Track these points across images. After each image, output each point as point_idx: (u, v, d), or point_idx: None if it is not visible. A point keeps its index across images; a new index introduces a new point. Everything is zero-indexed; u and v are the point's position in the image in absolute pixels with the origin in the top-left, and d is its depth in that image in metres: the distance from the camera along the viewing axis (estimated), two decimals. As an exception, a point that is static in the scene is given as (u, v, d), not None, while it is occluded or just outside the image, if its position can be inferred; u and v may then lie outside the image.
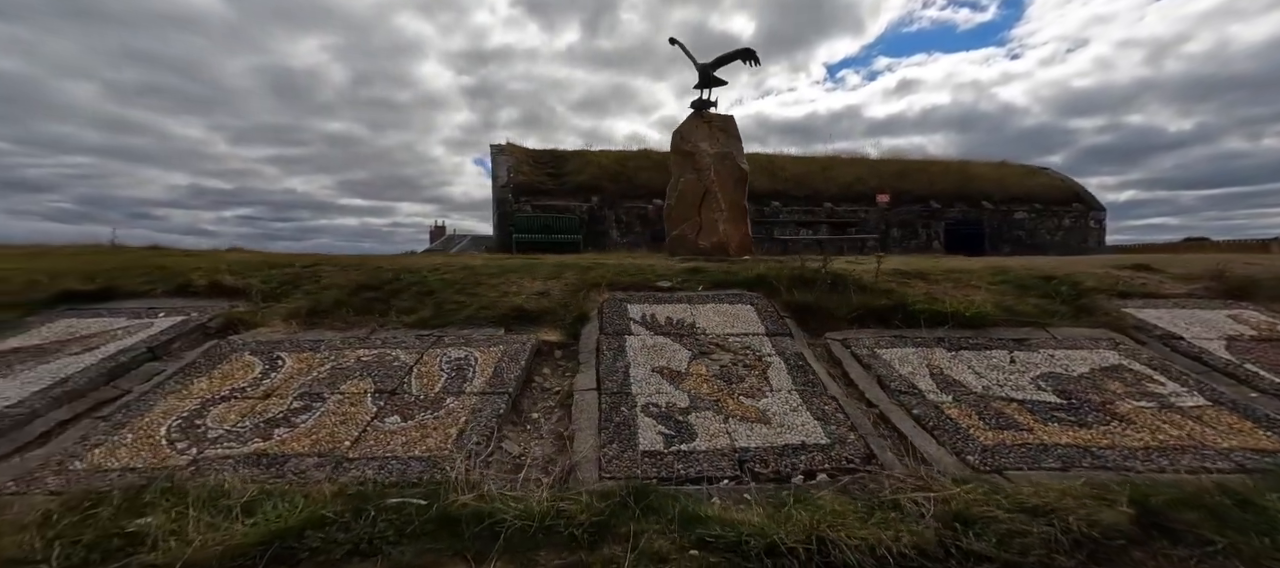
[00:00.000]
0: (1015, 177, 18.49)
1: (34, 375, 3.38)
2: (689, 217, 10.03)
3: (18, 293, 4.80)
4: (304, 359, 3.62)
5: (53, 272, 5.25)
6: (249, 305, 4.65)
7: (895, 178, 17.45)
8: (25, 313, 4.44)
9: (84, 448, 2.64)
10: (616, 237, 14.94)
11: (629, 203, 15.39)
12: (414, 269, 5.41)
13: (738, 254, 9.01)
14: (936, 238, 16.77)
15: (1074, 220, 17.52)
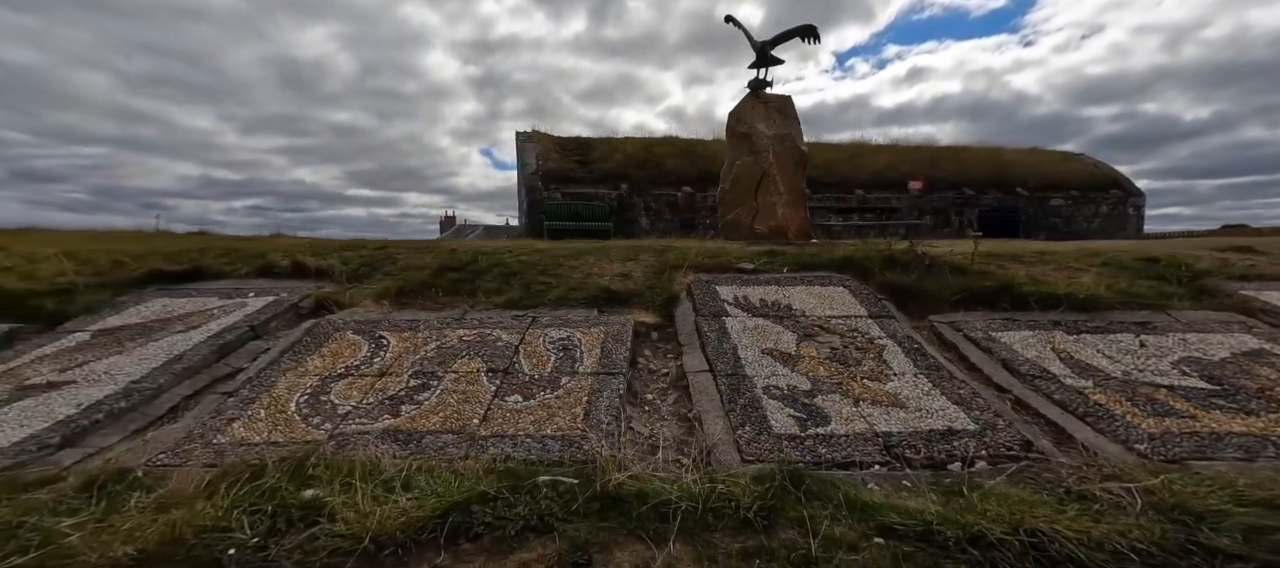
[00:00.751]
0: (1050, 163, 17.84)
1: (147, 353, 3.47)
2: (744, 201, 9.85)
3: (106, 273, 4.96)
4: (406, 338, 3.64)
5: (134, 253, 5.40)
6: (335, 286, 4.71)
7: (927, 164, 16.96)
8: (117, 292, 4.58)
9: (221, 422, 2.68)
10: (645, 224, 14.85)
11: (657, 190, 15.27)
12: (488, 252, 5.41)
13: (797, 239, 8.82)
14: (970, 225, 16.32)
15: (1112, 207, 16.98)
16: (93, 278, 4.78)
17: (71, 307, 4.24)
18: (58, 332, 3.86)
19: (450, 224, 34.18)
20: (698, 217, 14.84)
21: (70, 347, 3.56)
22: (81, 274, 4.66)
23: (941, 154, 18.00)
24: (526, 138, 16.68)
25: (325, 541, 1.79)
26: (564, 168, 15.31)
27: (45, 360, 3.36)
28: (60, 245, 5.71)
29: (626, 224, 14.71)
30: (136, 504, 2.00)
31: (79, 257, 5.25)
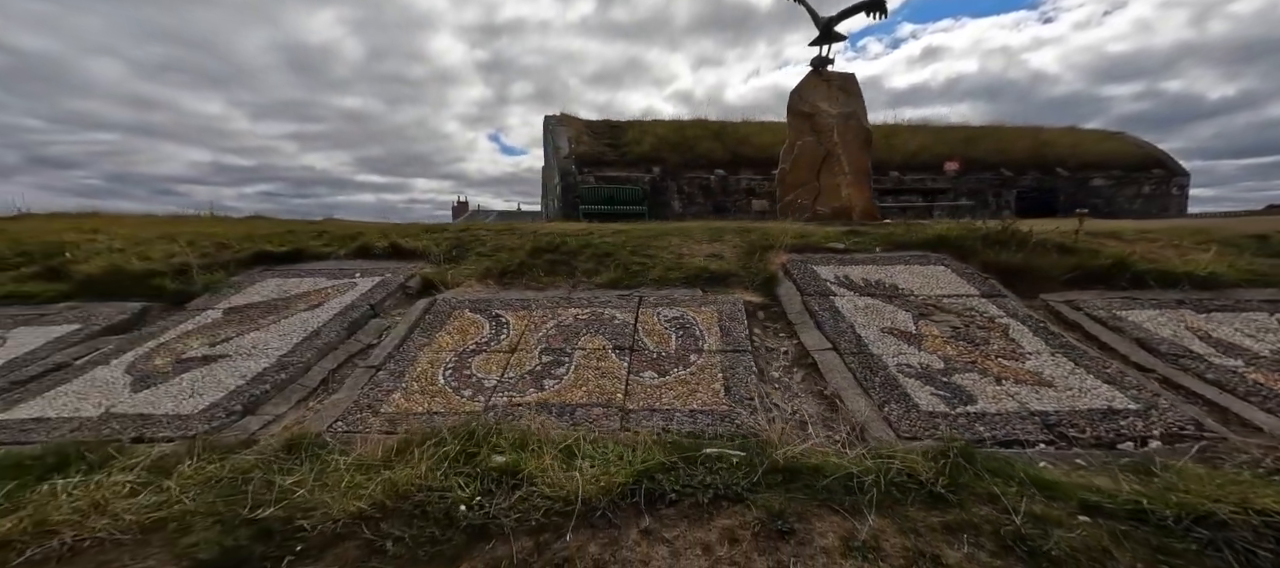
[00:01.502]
0: (1090, 142, 17.12)
1: (284, 329, 3.64)
2: (806, 181, 9.70)
3: (212, 254, 5.19)
4: (522, 317, 3.73)
5: (229, 236, 5.64)
6: (433, 266, 4.85)
7: (962, 145, 16.41)
8: (229, 272, 4.79)
9: (381, 393, 2.81)
10: (678, 208, 14.73)
11: (690, 174, 15.06)
12: (575, 234, 5.47)
13: (862, 219, 8.64)
14: (1007, 206, 15.77)
15: (1155, 186, 16.31)
16: (201, 259, 5.01)
17: (192, 286, 4.48)
18: (188, 309, 4.08)
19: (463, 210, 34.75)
20: (730, 200, 14.68)
21: (208, 323, 3.76)
22: (192, 256, 4.89)
23: (977, 134, 17.39)
24: (557, 122, 16.69)
25: (539, 502, 1.87)
26: (595, 151, 15.27)
27: (191, 336, 3.56)
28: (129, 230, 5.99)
29: (659, 208, 14.66)
30: (343, 466, 2.12)
31: (180, 239, 5.51)
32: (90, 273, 4.54)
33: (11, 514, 1.87)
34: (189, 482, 2.07)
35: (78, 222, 6.88)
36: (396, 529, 1.80)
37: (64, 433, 2.46)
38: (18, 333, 3.73)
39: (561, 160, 14.94)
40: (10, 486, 2.05)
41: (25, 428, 2.54)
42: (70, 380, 3.01)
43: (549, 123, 16.94)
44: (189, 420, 2.58)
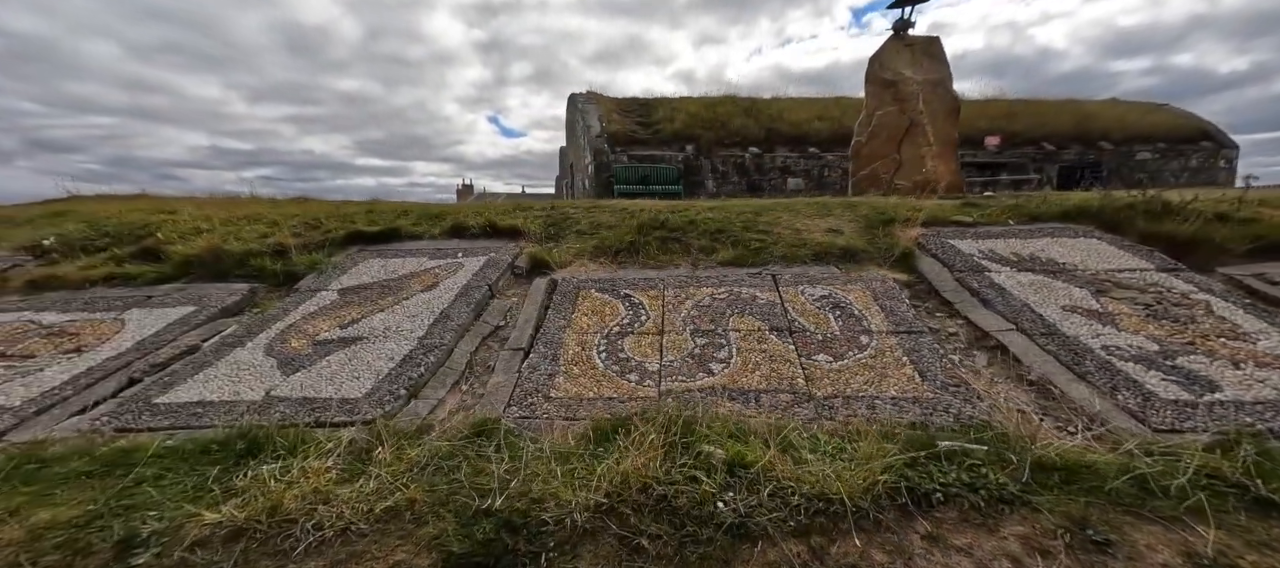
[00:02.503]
0: (1135, 114, 16.68)
1: (409, 311, 3.54)
2: (884, 154, 9.32)
3: (304, 235, 5.13)
4: (654, 297, 3.56)
5: (315, 215, 5.58)
6: (535, 245, 4.71)
7: (1003, 119, 15.88)
8: (327, 253, 4.72)
9: (539, 377, 2.68)
10: (712, 187, 14.48)
11: (724, 152, 14.69)
12: (678, 211, 5.26)
13: (948, 193, 8.24)
14: (1049, 182, 15.18)
15: (1202, 159, 15.94)
16: (295, 240, 4.95)
17: (292, 267, 4.41)
18: (300, 290, 4.02)
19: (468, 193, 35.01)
20: (765, 178, 14.46)
21: (328, 305, 3.68)
22: (289, 237, 4.84)
23: (1018, 108, 16.79)
24: (586, 100, 16.43)
25: (794, 500, 1.70)
26: (627, 130, 15.03)
27: (317, 318, 3.49)
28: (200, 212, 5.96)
29: (692, 187, 14.45)
30: (546, 453, 1.99)
31: (264, 219, 5.47)
32: (188, 254, 4.53)
33: (233, 500, 1.78)
34: (394, 469, 1.96)
35: (130, 204, 6.90)
36: (648, 525, 1.65)
37: (236, 416, 2.38)
38: (133, 315, 3.72)
39: (593, 140, 14.72)
40: (213, 469, 1.98)
41: (193, 412, 2.48)
42: (213, 363, 2.95)
43: (577, 101, 16.69)
44: (357, 404, 2.49)
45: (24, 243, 5.30)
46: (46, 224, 5.94)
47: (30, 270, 4.60)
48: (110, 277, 4.37)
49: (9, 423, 2.52)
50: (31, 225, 5.99)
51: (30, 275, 4.55)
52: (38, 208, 7.25)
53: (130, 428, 2.39)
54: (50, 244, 5.01)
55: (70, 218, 6.09)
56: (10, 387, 2.83)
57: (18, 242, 5.36)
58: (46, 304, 3.97)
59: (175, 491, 1.93)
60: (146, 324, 3.55)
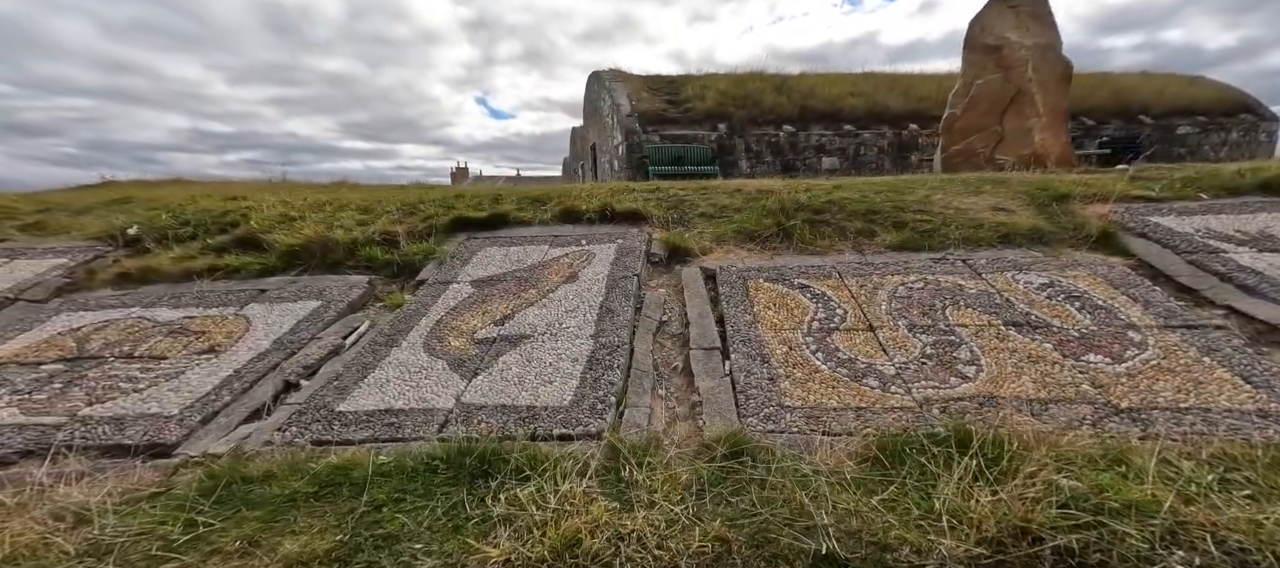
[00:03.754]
0: (1175, 87, 16.52)
1: (563, 305, 3.36)
2: (984, 126, 8.87)
3: (401, 220, 4.93)
4: (836, 287, 3.30)
5: (415, 201, 5.40)
6: (664, 231, 4.46)
7: None
8: (438, 241, 4.54)
9: (763, 383, 2.45)
10: (746, 167, 14.23)
11: (757, 131, 14.43)
12: (819, 190, 4.96)
13: (1059, 168, 7.77)
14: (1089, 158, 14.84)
15: (1243, 133, 15.78)
16: (401, 228, 4.76)
17: (407, 257, 4.24)
18: (429, 283, 3.84)
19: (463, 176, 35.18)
20: (799, 158, 14.25)
21: (468, 299, 3.50)
22: (398, 225, 4.67)
23: None
24: (612, 77, 16.11)
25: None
26: (656, 108, 14.76)
27: (463, 314, 3.30)
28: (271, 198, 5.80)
29: (725, 167, 14.24)
30: (826, 479, 1.75)
31: (351, 206, 5.31)
32: (293, 244, 4.38)
33: (503, 529, 1.58)
34: (667, 494, 1.73)
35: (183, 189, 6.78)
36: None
37: (436, 426, 2.19)
38: (253, 311, 3.57)
39: (624, 119, 14.47)
40: (454, 491, 1.79)
41: (388, 421, 2.30)
42: (376, 365, 2.77)
43: (601, 78, 16.38)
44: (569, 414, 2.27)
45: (99, 232, 5.23)
46: (109, 212, 5.88)
47: (122, 262, 4.50)
48: (212, 268, 4.24)
49: (177, 433, 2.37)
50: (94, 214, 5.93)
51: (121, 267, 4.45)
52: (91, 195, 7.19)
53: (327, 441, 2.21)
54: (135, 233, 4.92)
55: (134, 204, 6.02)
56: (157, 392, 2.68)
57: (92, 231, 5.30)
58: (151, 299, 3.85)
59: (426, 517, 1.73)
60: (274, 321, 3.40)
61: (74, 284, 4.37)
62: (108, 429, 2.39)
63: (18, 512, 1.88)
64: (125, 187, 7.91)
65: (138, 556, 1.67)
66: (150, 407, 2.55)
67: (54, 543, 1.68)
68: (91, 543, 1.69)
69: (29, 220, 5.81)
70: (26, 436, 2.37)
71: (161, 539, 1.71)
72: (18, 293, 4.13)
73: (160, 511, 1.84)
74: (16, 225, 5.69)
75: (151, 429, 2.39)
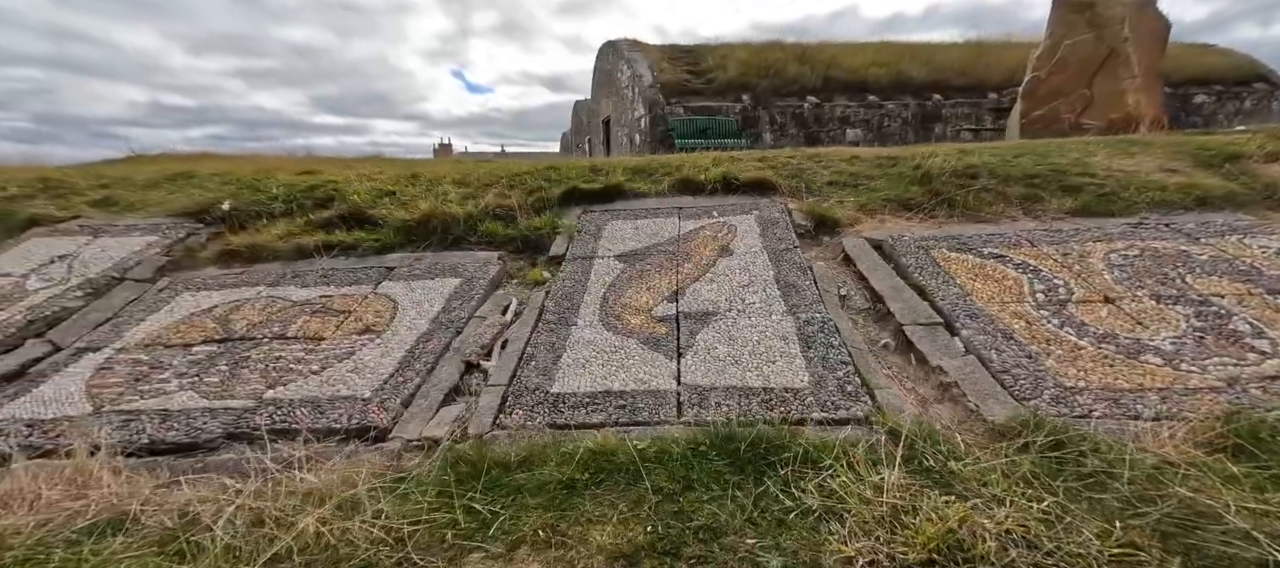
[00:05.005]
0: (1189, 56, 16.10)
1: (732, 279, 3.22)
2: (1071, 90, 8.64)
3: (513, 197, 4.78)
4: (1033, 255, 3.16)
5: (515, 172, 5.27)
6: (800, 200, 4.30)
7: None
8: (555, 214, 4.42)
9: (1020, 360, 2.30)
10: (769, 139, 14.00)
11: (781, 102, 14.29)
12: (938, 154, 4.75)
13: (1153, 131, 7.46)
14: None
15: (1256, 102, 15.55)
16: (519, 198, 4.62)
17: (527, 231, 4.13)
18: (571, 259, 3.72)
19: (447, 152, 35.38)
20: (824, 130, 14.15)
21: (622, 274, 3.40)
22: (515, 197, 4.54)
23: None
24: (632, 48, 15.79)
25: None
26: (678, 79, 14.52)
27: (625, 289, 3.20)
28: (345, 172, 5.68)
29: (750, 140, 14.09)
30: (1196, 473, 1.60)
31: (447, 179, 5.19)
32: (408, 220, 4.28)
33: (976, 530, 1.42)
34: (1006, 488, 1.60)
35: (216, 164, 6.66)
36: None
37: (672, 408, 2.08)
38: (392, 288, 3.49)
39: (646, 90, 14.24)
40: (742, 483, 1.67)
41: (619, 404, 2.22)
42: (565, 346, 2.66)
43: (618, 49, 16.06)
44: (815, 396, 2.18)
45: (182, 209, 5.16)
46: (175, 187, 5.81)
47: (227, 239, 4.43)
48: (326, 245, 4.15)
49: (386, 417, 2.27)
50: (161, 189, 5.87)
51: (227, 244, 4.38)
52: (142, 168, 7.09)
53: (562, 424, 2.10)
54: (229, 209, 4.86)
55: (196, 179, 5.94)
56: (336, 374, 2.60)
57: (175, 207, 5.23)
58: (272, 277, 3.78)
59: (730, 507, 1.62)
60: (420, 300, 3.30)
61: (175, 262, 4.32)
62: (305, 412, 2.31)
63: (258, 496, 1.80)
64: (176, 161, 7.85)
65: (432, 541, 1.58)
66: (338, 389, 2.46)
67: (347, 530, 1.59)
68: (386, 529, 1.60)
69: (95, 197, 5.76)
70: (221, 419, 2.30)
71: (449, 527, 1.62)
72: (123, 272, 4.09)
73: (427, 497, 1.75)
74: (85, 202, 5.65)
75: (354, 412, 2.30)
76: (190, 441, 2.20)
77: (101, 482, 1.94)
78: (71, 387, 2.60)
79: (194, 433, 2.23)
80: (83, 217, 5.32)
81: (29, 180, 6.05)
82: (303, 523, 1.62)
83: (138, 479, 1.96)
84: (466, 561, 1.53)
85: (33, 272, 4.08)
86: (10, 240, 4.66)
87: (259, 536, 1.62)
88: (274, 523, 1.65)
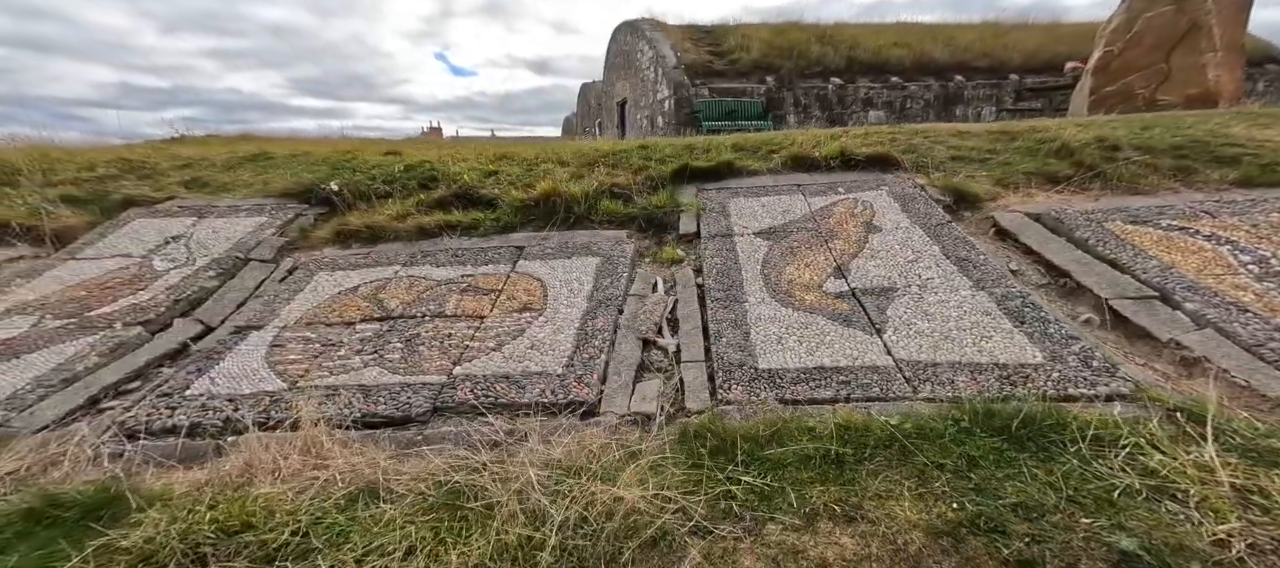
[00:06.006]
0: None
1: (892, 255, 3.10)
2: (1147, 64, 8.37)
3: (616, 175, 4.71)
4: (1219, 227, 2.98)
5: (616, 154, 5.19)
6: (928, 176, 4.15)
7: (1081, 41, 14.73)
8: (669, 193, 4.33)
9: (1269, 336, 2.12)
10: (794, 121, 13.81)
11: (805, 83, 14.16)
12: (1064, 126, 4.57)
13: (1232, 107, 7.11)
14: None
15: (1268, 83, 15.22)
16: (637, 176, 4.54)
17: (654, 209, 4.05)
18: (709, 238, 3.64)
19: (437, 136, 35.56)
20: (847, 111, 14.07)
21: (769, 252, 3.33)
22: (613, 177, 4.47)
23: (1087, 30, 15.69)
24: (653, 27, 15.53)
25: None
26: (701, 60, 14.41)
27: (781, 266, 3.13)
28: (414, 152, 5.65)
29: (774, 121, 13.87)
30: None
31: (546, 159, 5.14)
32: (525, 200, 4.23)
33: None
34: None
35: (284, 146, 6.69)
36: None
37: (906, 385, 1.99)
38: (531, 268, 3.46)
39: (670, 71, 14.02)
40: (1027, 461, 1.58)
41: (843, 380, 2.15)
42: (747, 323, 2.61)
43: (638, 28, 15.79)
44: (1060, 371, 2.08)
45: (281, 189, 5.17)
46: (257, 168, 5.84)
47: (346, 218, 4.42)
48: (445, 225, 4.13)
49: (591, 392, 2.22)
50: (245, 169, 5.89)
51: (343, 225, 4.38)
52: (218, 149, 7.13)
53: (794, 399, 2.03)
54: (336, 189, 4.86)
55: (273, 160, 5.97)
56: (516, 349, 2.57)
57: (274, 188, 5.24)
58: (403, 256, 3.76)
59: (1034, 485, 1.54)
60: (568, 278, 3.26)
61: (291, 244, 4.34)
62: (504, 386, 2.27)
63: (503, 466, 1.76)
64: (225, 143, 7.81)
65: (714, 512, 1.53)
66: (526, 365, 2.43)
67: (622, 498, 1.54)
68: (660, 498, 1.55)
69: (180, 178, 5.76)
70: (422, 394, 2.27)
71: (726, 497, 1.56)
72: (246, 253, 4.11)
73: (680, 469, 1.69)
74: (174, 183, 5.67)
75: (555, 388, 2.26)
76: (402, 414, 2.17)
77: (331, 453, 1.93)
78: (251, 363, 2.60)
79: (402, 407, 2.20)
80: (177, 197, 5.35)
81: (112, 161, 6.06)
82: (580, 489, 1.57)
83: (368, 450, 1.94)
84: (765, 531, 1.47)
85: (153, 252, 4.12)
86: (109, 220, 4.69)
87: (532, 504, 1.57)
88: (546, 491, 1.61)
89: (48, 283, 3.67)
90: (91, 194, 5.18)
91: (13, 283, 3.69)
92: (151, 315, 3.25)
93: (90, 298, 3.47)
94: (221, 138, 9.09)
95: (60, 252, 4.15)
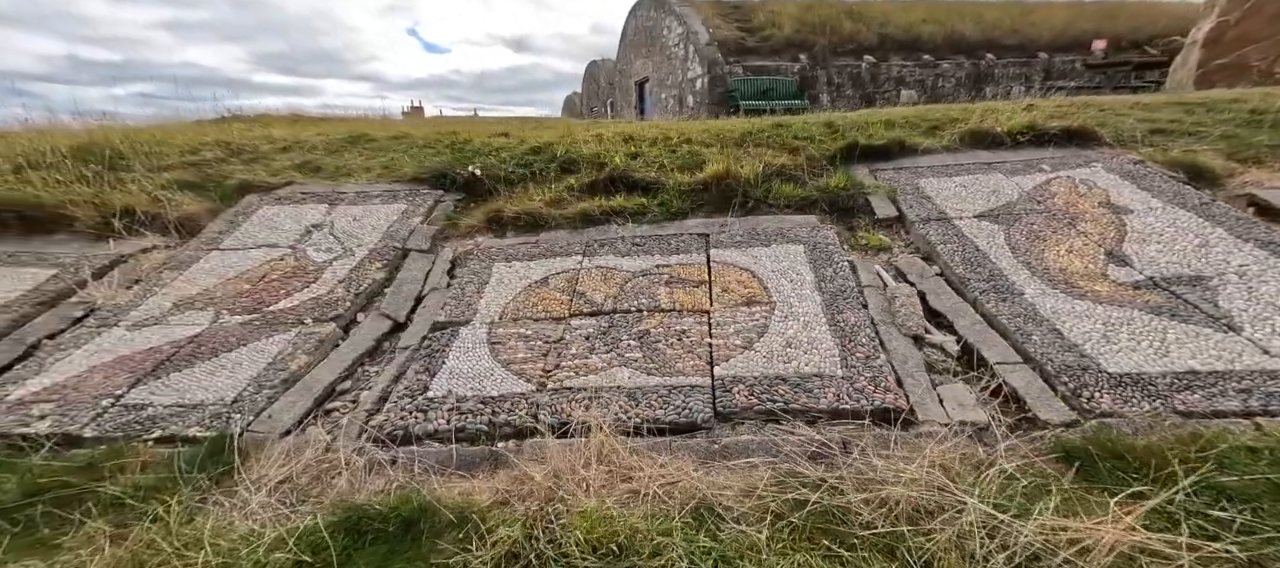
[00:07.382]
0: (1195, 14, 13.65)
1: (1163, 239, 2.69)
2: (1266, 36, 7.88)
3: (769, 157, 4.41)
4: None
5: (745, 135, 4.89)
6: (1147, 151, 3.72)
7: (1106, 20, 14.94)
8: (841, 174, 4.02)
9: None
10: (827, 100, 13.38)
11: (838, 62, 13.92)
12: (1270, 94, 4.07)
13: None
14: (1157, 85, 12.98)
15: None
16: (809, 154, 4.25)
17: (834, 191, 3.76)
18: (920, 222, 3.35)
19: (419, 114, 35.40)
20: (879, 90, 13.79)
21: (1009, 239, 2.97)
22: (776, 158, 4.17)
23: (1117, 9, 15.62)
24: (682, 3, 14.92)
25: None
26: (733, 37, 13.98)
27: (1034, 255, 2.78)
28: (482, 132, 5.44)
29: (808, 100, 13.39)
30: None
31: (670, 140, 4.87)
32: (689, 182, 3.98)
33: None
34: None
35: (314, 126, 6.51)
36: None
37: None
38: (728, 256, 3.23)
39: (704, 48, 13.50)
40: None
41: (1252, 389, 1.79)
42: (1041, 316, 2.26)
43: (664, 3, 15.16)
44: None
45: (411, 174, 5.01)
46: (371, 152, 5.67)
47: (501, 205, 4.22)
48: (608, 211, 3.91)
49: (902, 402, 1.95)
50: (353, 153, 5.72)
51: (495, 212, 4.18)
52: (306, 130, 6.86)
53: (1188, 411, 1.75)
54: (477, 173, 4.69)
55: (374, 144, 5.82)
56: (771, 347, 2.32)
57: (402, 173, 5.07)
58: (576, 245, 3.56)
59: None
60: (778, 268, 3.02)
61: (441, 233, 4.18)
62: (785, 389, 2.04)
63: (862, 486, 1.50)
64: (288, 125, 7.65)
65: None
66: (796, 366, 2.18)
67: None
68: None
69: (287, 162, 5.62)
70: (695, 398, 2.06)
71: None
72: (402, 243, 3.97)
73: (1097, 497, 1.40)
74: (287, 167, 5.54)
75: (847, 391, 2.01)
76: (686, 421, 1.95)
77: (631, 463, 1.72)
78: (481, 363, 2.43)
79: (681, 411, 1.98)
80: (295, 183, 5.18)
81: (213, 143, 5.93)
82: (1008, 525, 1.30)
83: (673, 460, 1.73)
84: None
85: (300, 242, 3.98)
86: (230, 207, 4.55)
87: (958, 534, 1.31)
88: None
89: (201, 275, 3.56)
90: (205, 179, 5.02)
91: (162, 275, 3.61)
92: (339, 310, 3.13)
93: (257, 291, 3.36)
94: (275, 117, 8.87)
95: (194, 241, 4.03)
